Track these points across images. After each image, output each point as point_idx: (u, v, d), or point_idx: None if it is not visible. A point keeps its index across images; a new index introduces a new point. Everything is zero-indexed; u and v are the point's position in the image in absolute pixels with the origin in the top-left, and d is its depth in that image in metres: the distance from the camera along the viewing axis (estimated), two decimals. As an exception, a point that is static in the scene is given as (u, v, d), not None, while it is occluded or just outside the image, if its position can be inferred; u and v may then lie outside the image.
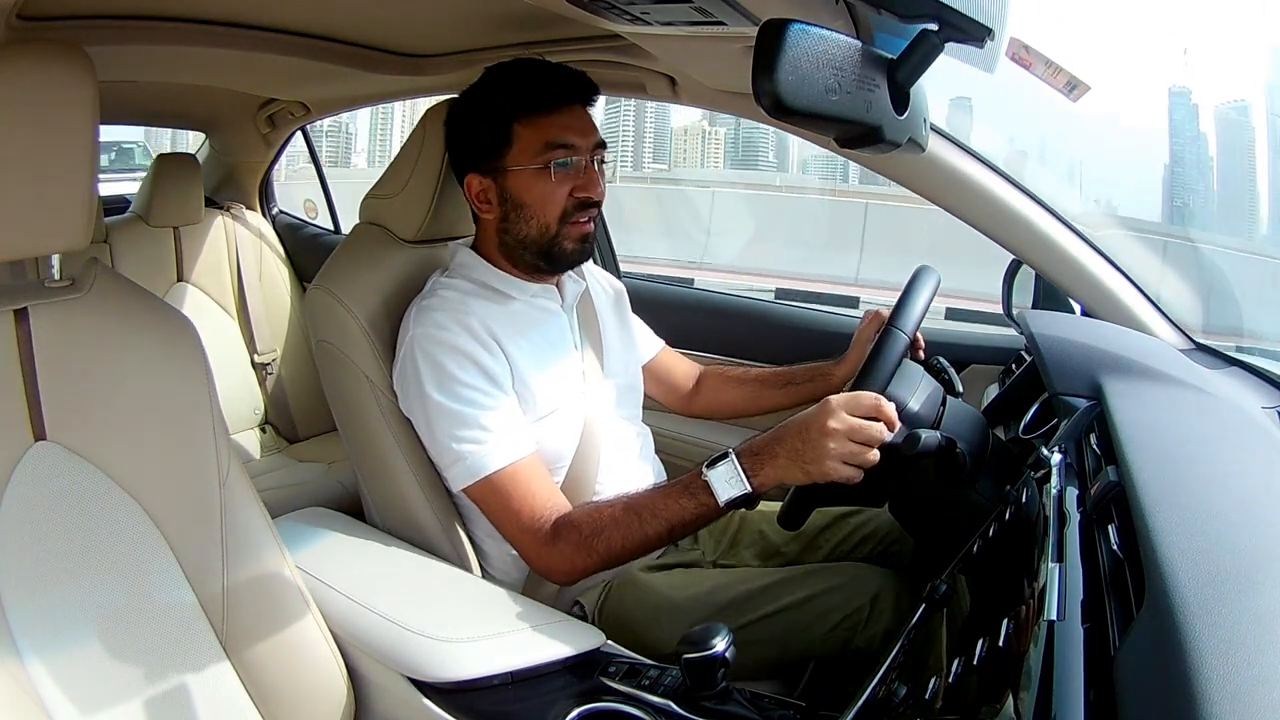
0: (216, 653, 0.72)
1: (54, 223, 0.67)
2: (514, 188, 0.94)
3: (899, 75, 0.63)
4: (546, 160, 0.92)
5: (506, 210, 0.95)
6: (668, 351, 1.25)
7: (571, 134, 0.93)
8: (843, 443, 0.77)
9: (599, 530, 0.85)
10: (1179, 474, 0.60)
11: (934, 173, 1.05)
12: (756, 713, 0.67)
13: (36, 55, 0.64)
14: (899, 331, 0.89)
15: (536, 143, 0.92)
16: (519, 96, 0.93)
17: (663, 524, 0.84)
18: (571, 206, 0.94)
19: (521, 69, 0.95)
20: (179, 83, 1.57)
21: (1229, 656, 0.38)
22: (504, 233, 0.96)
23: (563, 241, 0.95)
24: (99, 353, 0.71)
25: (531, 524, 0.88)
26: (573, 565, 0.87)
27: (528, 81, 0.94)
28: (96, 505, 0.69)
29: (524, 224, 0.95)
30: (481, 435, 0.88)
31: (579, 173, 0.94)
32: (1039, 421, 1.00)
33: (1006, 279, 1.28)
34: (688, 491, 0.84)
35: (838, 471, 0.78)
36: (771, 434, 0.82)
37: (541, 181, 0.93)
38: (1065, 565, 0.55)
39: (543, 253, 0.96)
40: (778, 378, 1.20)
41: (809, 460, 0.78)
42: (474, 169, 0.95)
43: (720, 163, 13.91)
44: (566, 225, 0.94)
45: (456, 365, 0.89)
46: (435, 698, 0.74)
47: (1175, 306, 1.11)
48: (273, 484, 1.72)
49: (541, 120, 0.92)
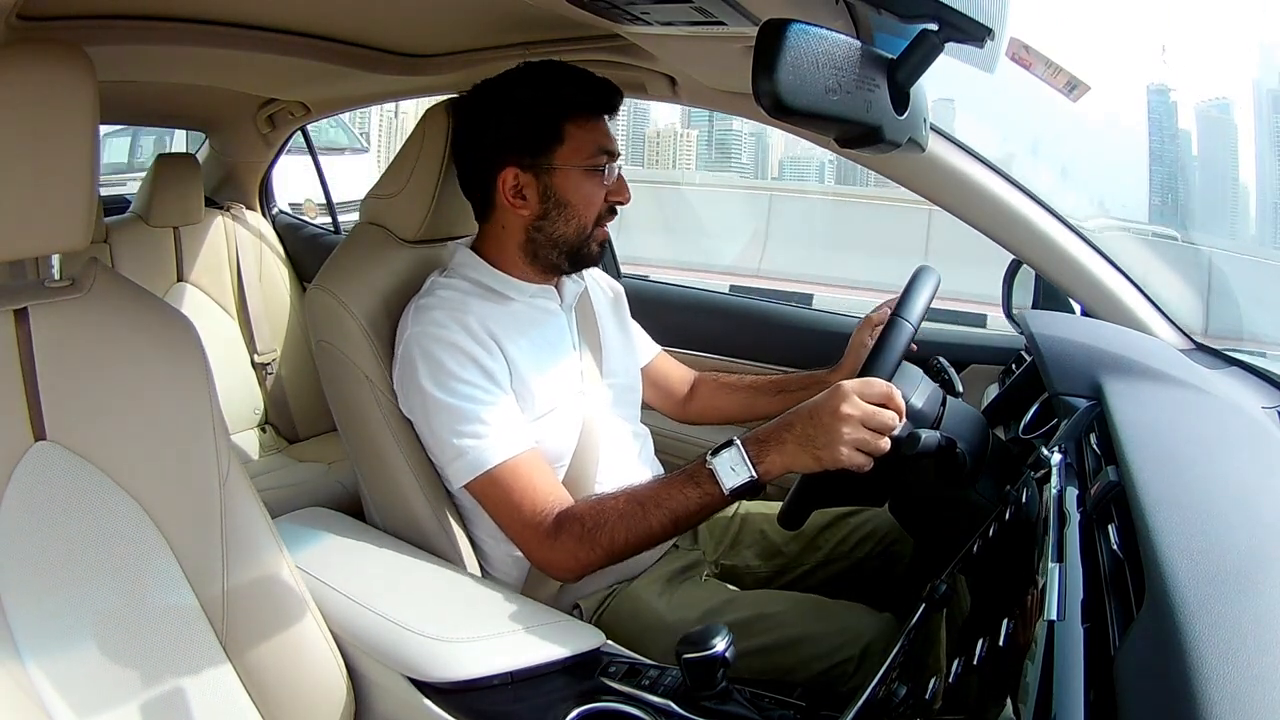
0: (216, 653, 0.72)
1: (54, 223, 0.67)
2: (560, 186, 0.94)
3: (899, 75, 0.63)
4: (597, 164, 0.94)
5: (548, 208, 0.95)
6: (663, 357, 1.25)
7: (612, 141, 0.96)
8: (856, 428, 0.76)
9: (602, 523, 0.84)
10: (1179, 474, 0.60)
11: (934, 173, 1.05)
12: (756, 713, 0.67)
13: (36, 55, 0.64)
14: (904, 321, 0.89)
15: (589, 145, 0.93)
16: (572, 97, 0.94)
17: (667, 515, 0.83)
18: (604, 211, 0.97)
19: (568, 71, 0.96)
20: (179, 83, 1.56)
21: (1229, 656, 0.38)
22: (536, 230, 0.96)
23: (591, 244, 0.97)
24: (99, 353, 0.71)
25: (533, 518, 0.87)
26: (576, 560, 0.86)
27: (577, 84, 0.94)
28: (96, 505, 0.69)
29: (563, 223, 0.95)
30: (481, 430, 0.88)
31: (614, 179, 0.96)
32: (1039, 421, 1.00)
33: (1006, 279, 1.28)
34: (692, 480, 0.83)
35: (851, 458, 0.76)
36: (779, 421, 0.81)
37: (589, 183, 0.94)
38: (1065, 565, 0.55)
39: (572, 253, 0.97)
40: (772, 385, 1.20)
41: (820, 445, 0.76)
42: (514, 163, 0.94)
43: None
44: (597, 228, 0.97)
45: (455, 362, 0.89)
46: (435, 698, 0.74)
47: (1172, 306, 1.11)
48: (273, 484, 1.72)
49: (592, 124, 0.94)
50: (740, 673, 0.77)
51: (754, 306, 1.69)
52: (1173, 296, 1.13)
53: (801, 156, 12.07)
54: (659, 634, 0.92)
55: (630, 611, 0.97)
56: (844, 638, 0.89)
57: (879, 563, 1.10)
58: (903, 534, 1.09)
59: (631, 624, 0.95)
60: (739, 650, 0.67)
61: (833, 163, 9.33)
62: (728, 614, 0.93)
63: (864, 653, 0.88)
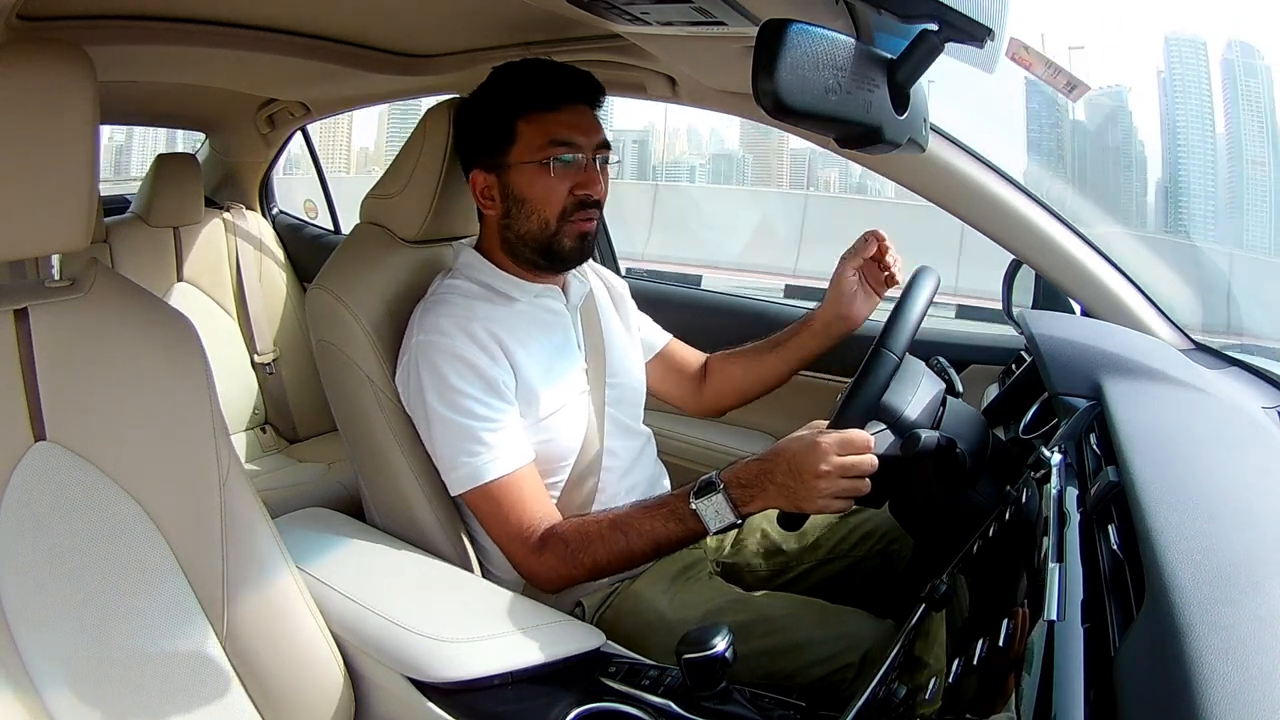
0: (216, 653, 0.72)
1: (54, 223, 0.67)
2: (516, 183, 0.94)
3: (899, 75, 0.63)
4: (547, 156, 0.93)
5: (509, 206, 0.96)
6: (676, 343, 1.24)
7: (574, 132, 0.94)
8: (834, 481, 0.79)
9: (585, 545, 0.87)
10: (1179, 474, 0.60)
11: (934, 173, 1.05)
12: (756, 713, 0.67)
13: (36, 55, 0.64)
14: (889, 353, 0.87)
15: (538, 139, 0.93)
16: (523, 94, 0.94)
17: (649, 543, 0.86)
18: (571, 204, 0.95)
19: (528, 68, 0.97)
20: (179, 83, 1.57)
21: (1229, 656, 0.38)
22: (506, 229, 0.97)
23: (562, 239, 0.96)
24: (99, 353, 0.71)
25: (520, 533, 0.90)
26: (558, 575, 0.89)
27: (532, 80, 0.95)
28: (96, 505, 0.69)
29: (525, 220, 0.95)
30: (478, 448, 0.89)
31: (579, 171, 0.94)
32: (1039, 421, 1.00)
33: (1006, 279, 1.28)
34: (675, 517, 0.85)
35: (829, 506, 0.81)
36: (761, 465, 0.83)
37: (542, 177, 0.93)
38: (1065, 565, 0.55)
39: (542, 249, 0.96)
40: (768, 342, 1.18)
41: (801, 498, 0.80)
42: (478, 165, 0.96)
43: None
44: (566, 223, 0.95)
45: (457, 375, 0.89)
46: (435, 698, 0.74)
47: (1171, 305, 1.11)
48: (273, 484, 1.72)
49: (544, 117, 0.93)
50: (740, 675, 0.78)
51: (755, 306, 1.69)
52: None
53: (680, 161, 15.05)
54: (661, 633, 0.93)
55: (632, 610, 0.97)
56: (844, 643, 0.89)
57: (879, 562, 1.10)
58: (903, 534, 1.09)
59: (634, 622, 0.96)
60: (739, 652, 0.67)
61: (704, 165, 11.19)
62: (729, 615, 0.93)
63: (864, 659, 0.88)
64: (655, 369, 1.19)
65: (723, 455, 1.50)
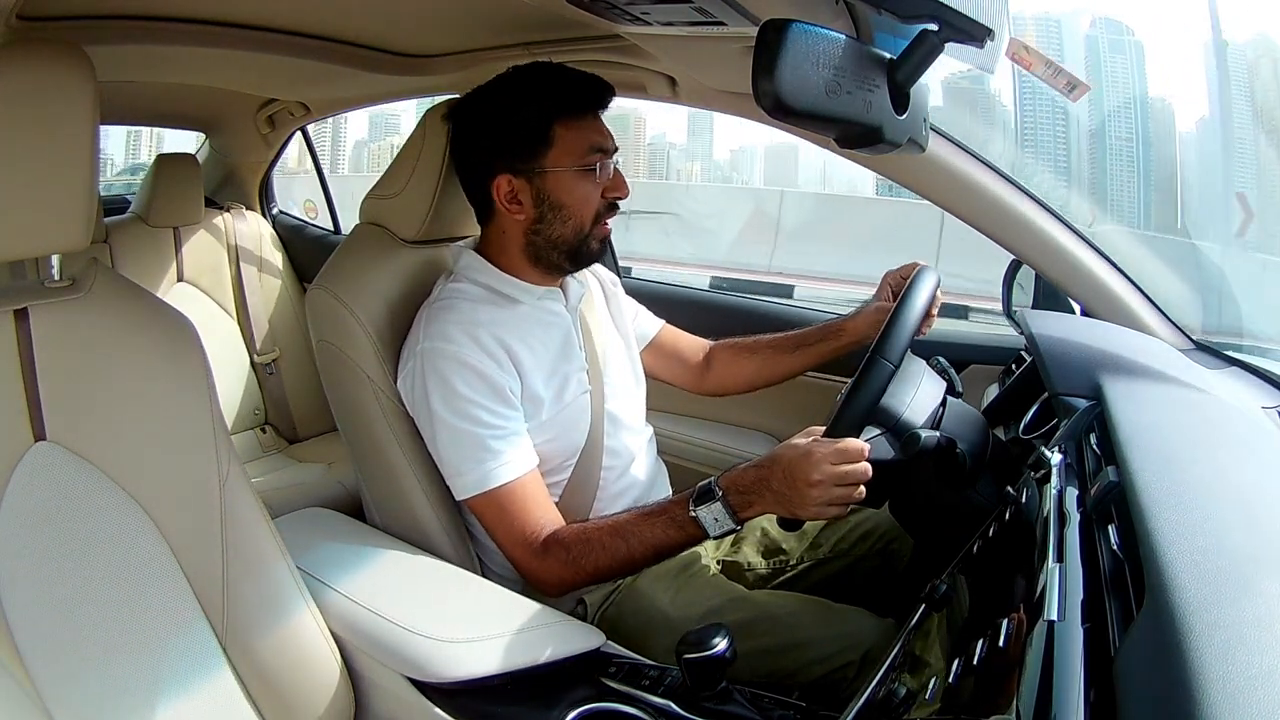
0: (216, 653, 0.72)
1: (54, 223, 0.67)
2: (552, 188, 0.94)
3: (899, 75, 0.63)
4: (590, 163, 0.93)
5: (543, 211, 0.95)
6: (669, 329, 1.25)
7: (606, 138, 0.95)
8: (828, 490, 0.80)
9: (586, 551, 0.88)
10: (1179, 474, 0.60)
11: (934, 173, 1.05)
12: (756, 713, 0.67)
13: (36, 55, 0.64)
14: (885, 362, 0.86)
15: (579, 145, 0.93)
16: (559, 99, 0.93)
17: (649, 549, 0.87)
18: (603, 208, 0.96)
19: (551, 72, 0.95)
20: (179, 83, 1.57)
21: (1229, 657, 0.38)
22: (535, 234, 0.96)
23: (591, 242, 0.97)
24: (99, 353, 0.71)
25: (523, 538, 0.90)
26: (560, 580, 0.90)
27: (564, 84, 0.94)
28: (96, 505, 0.69)
29: (560, 224, 0.95)
30: (484, 454, 0.89)
31: (609, 174, 0.96)
32: (1039, 421, 1.00)
33: (1006, 279, 1.28)
34: (675, 524, 0.85)
35: (824, 513, 0.82)
36: (758, 472, 0.83)
37: (583, 183, 0.94)
38: (1065, 565, 0.55)
39: (572, 253, 0.97)
40: (790, 341, 1.18)
41: (796, 505, 0.81)
42: (506, 170, 0.94)
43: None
44: (596, 226, 0.96)
45: (465, 383, 0.89)
46: (435, 698, 0.74)
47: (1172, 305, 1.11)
48: (273, 484, 1.72)
49: (581, 123, 0.93)
50: (741, 673, 0.78)
51: (756, 306, 1.69)
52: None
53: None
54: (663, 630, 0.93)
55: (634, 608, 0.97)
56: (845, 642, 0.90)
57: (879, 562, 1.10)
58: (903, 533, 1.09)
59: (636, 619, 0.96)
60: (740, 651, 0.67)
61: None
62: (730, 614, 0.93)
63: (864, 658, 0.88)
64: (652, 356, 1.20)
65: (722, 456, 1.50)
